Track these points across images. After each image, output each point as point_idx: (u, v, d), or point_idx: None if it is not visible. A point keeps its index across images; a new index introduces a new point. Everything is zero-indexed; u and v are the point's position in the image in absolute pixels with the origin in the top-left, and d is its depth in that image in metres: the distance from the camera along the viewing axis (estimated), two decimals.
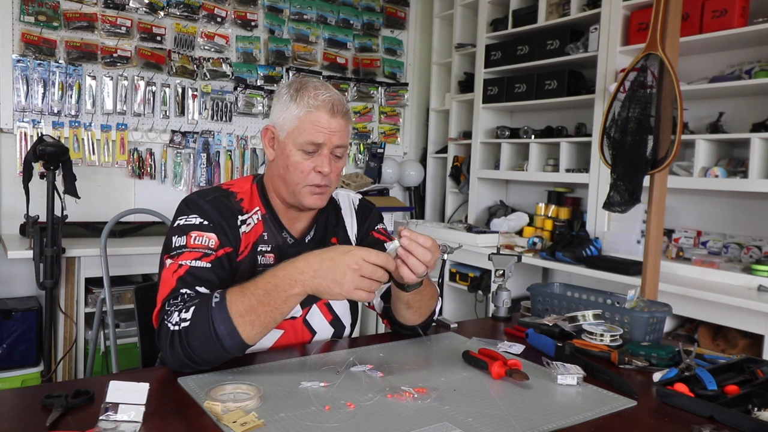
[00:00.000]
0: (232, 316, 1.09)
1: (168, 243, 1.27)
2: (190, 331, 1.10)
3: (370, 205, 1.58)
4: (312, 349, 1.31)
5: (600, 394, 1.10)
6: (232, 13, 3.49)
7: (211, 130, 3.45)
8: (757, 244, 2.54)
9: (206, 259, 1.23)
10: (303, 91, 1.31)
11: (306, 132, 1.29)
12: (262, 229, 1.36)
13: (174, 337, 1.11)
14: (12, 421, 0.93)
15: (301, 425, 0.91)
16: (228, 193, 1.37)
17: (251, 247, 1.34)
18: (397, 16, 4.13)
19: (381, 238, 1.53)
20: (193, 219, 1.28)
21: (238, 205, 1.35)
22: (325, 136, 1.29)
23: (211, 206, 1.30)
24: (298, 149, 1.30)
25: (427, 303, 1.37)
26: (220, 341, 1.09)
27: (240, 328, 1.09)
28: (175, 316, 1.13)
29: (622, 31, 2.87)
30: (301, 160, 1.30)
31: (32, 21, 2.93)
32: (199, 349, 1.09)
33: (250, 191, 1.39)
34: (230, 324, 1.09)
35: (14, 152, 2.95)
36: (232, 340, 1.09)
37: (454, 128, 3.99)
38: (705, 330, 2.38)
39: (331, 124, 1.29)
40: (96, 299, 2.64)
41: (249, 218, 1.36)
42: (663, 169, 2.17)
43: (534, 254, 2.96)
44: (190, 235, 1.26)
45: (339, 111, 1.30)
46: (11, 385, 2.49)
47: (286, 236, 1.39)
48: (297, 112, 1.30)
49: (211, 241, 1.25)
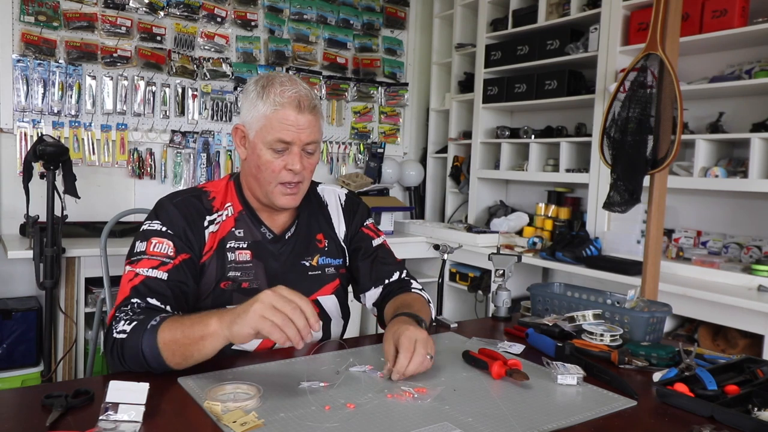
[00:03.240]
0: (159, 343, 1.09)
1: (132, 247, 1.29)
2: (125, 344, 1.12)
3: (356, 200, 1.57)
4: (312, 350, 1.31)
5: (600, 394, 1.10)
6: (232, 13, 3.49)
7: (211, 130, 3.45)
8: (757, 244, 2.54)
9: (163, 268, 1.24)
10: (269, 87, 1.29)
11: (274, 130, 1.28)
12: (232, 224, 1.36)
13: (115, 345, 1.13)
14: (12, 421, 0.93)
15: (301, 425, 0.91)
16: (200, 193, 1.38)
17: (217, 245, 1.34)
18: (397, 16, 4.13)
19: (370, 234, 1.53)
20: (155, 225, 1.30)
21: (209, 204, 1.36)
22: (293, 134, 1.28)
23: (176, 209, 1.31)
24: (268, 148, 1.30)
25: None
26: (146, 361, 1.10)
27: (164, 355, 1.09)
28: (121, 324, 1.14)
29: (622, 31, 2.87)
30: (272, 159, 1.30)
31: (32, 21, 2.93)
32: (130, 362, 1.12)
33: (224, 189, 1.40)
34: (156, 349, 1.09)
35: (14, 152, 2.95)
36: (156, 363, 1.10)
37: (454, 128, 3.99)
38: (705, 330, 2.38)
39: (299, 121, 1.28)
40: (96, 299, 2.64)
41: (218, 217, 1.36)
42: (663, 169, 2.17)
43: (534, 254, 2.96)
44: (150, 241, 1.27)
45: (306, 107, 1.29)
46: (11, 385, 2.49)
47: (264, 231, 1.39)
48: (264, 110, 1.28)
49: (169, 249, 1.26)
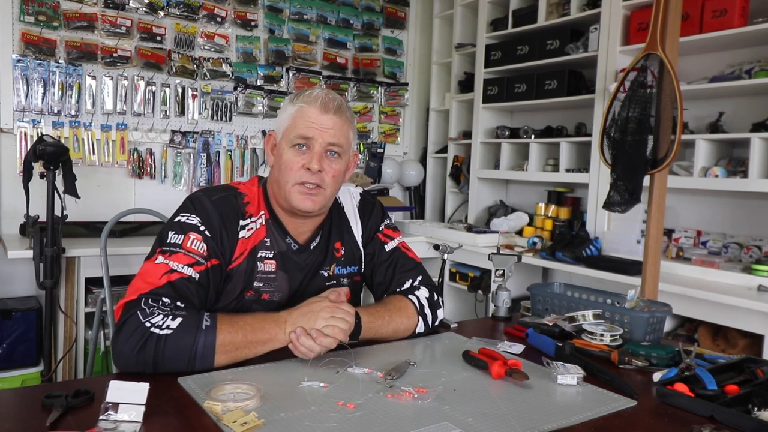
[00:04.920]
0: (217, 343, 1.12)
1: (163, 236, 1.26)
2: (170, 339, 1.10)
3: (372, 201, 1.55)
4: None
5: (600, 394, 1.10)
6: (232, 13, 3.49)
7: (211, 130, 3.45)
8: (757, 243, 2.54)
9: (197, 269, 1.22)
10: (301, 94, 1.33)
11: (297, 127, 1.29)
12: (264, 234, 1.34)
13: (150, 338, 1.10)
14: (12, 421, 0.93)
15: (301, 425, 0.91)
16: (236, 193, 1.35)
17: (248, 253, 1.32)
18: (397, 16, 4.13)
19: (384, 240, 1.51)
20: (194, 219, 1.27)
21: (243, 208, 1.34)
22: (315, 131, 1.28)
23: (215, 207, 1.29)
24: (290, 146, 1.30)
25: (391, 335, 1.36)
26: (193, 359, 1.11)
27: (217, 355, 1.12)
28: (159, 318, 1.12)
29: (622, 31, 2.87)
30: (292, 157, 1.29)
31: (32, 21, 2.93)
32: (168, 358, 1.10)
33: (257, 195, 1.38)
34: (212, 349, 1.12)
35: (14, 152, 2.95)
36: (202, 363, 1.12)
37: (454, 128, 3.99)
38: (705, 330, 2.38)
39: (321, 120, 1.28)
40: (96, 299, 2.64)
41: (252, 223, 1.34)
42: (663, 169, 2.17)
43: (534, 254, 2.96)
44: (188, 236, 1.24)
45: (331, 107, 1.29)
46: (11, 385, 2.49)
47: (290, 242, 1.37)
48: (291, 110, 1.31)
49: (204, 250, 1.25)
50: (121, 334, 1.11)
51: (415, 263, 1.52)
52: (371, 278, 1.51)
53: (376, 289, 1.51)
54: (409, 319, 1.39)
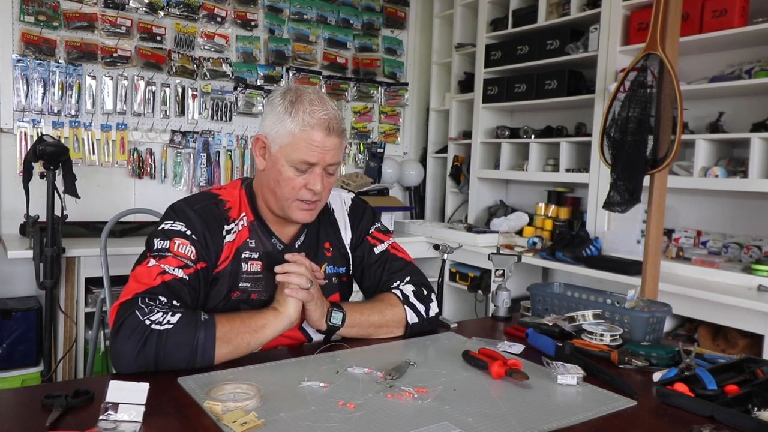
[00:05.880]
0: (217, 334, 1.14)
1: (150, 244, 1.27)
2: (171, 334, 1.11)
3: (363, 205, 1.56)
4: (311, 350, 1.30)
5: (600, 394, 1.10)
6: (232, 13, 3.49)
7: (211, 130, 3.45)
8: (757, 243, 2.54)
9: (187, 271, 1.23)
10: (298, 104, 1.27)
11: (300, 150, 1.27)
12: (247, 235, 1.36)
13: (151, 335, 1.10)
14: (12, 421, 0.93)
15: (301, 425, 0.91)
16: (217, 201, 1.36)
17: (233, 254, 1.33)
18: (397, 16, 4.13)
19: (374, 242, 1.51)
20: (178, 225, 1.28)
21: (225, 213, 1.34)
22: (318, 156, 1.28)
23: (197, 215, 1.30)
24: (291, 166, 1.29)
25: (382, 324, 1.37)
26: (195, 353, 1.12)
27: (217, 347, 1.14)
28: (159, 315, 1.12)
29: (622, 31, 2.87)
30: (293, 177, 1.29)
31: (32, 21, 2.93)
32: (171, 354, 1.11)
33: (238, 198, 1.39)
34: (212, 341, 1.13)
35: (14, 152, 2.95)
36: (202, 358, 1.13)
37: (454, 128, 3.99)
38: (705, 330, 2.38)
39: (325, 144, 1.28)
40: (96, 299, 2.64)
41: (234, 226, 1.35)
42: (663, 169, 2.17)
43: (534, 254, 2.96)
44: (174, 241, 1.25)
45: (335, 130, 1.29)
46: (11, 385, 2.49)
47: (275, 242, 1.38)
48: (291, 127, 1.27)
49: (191, 253, 1.25)
50: (121, 335, 1.11)
51: (405, 264, 1.51)
52: (361, 281, 1.52)
53: (366, 292, 1.52)
54: (394, 308, 1.40)
